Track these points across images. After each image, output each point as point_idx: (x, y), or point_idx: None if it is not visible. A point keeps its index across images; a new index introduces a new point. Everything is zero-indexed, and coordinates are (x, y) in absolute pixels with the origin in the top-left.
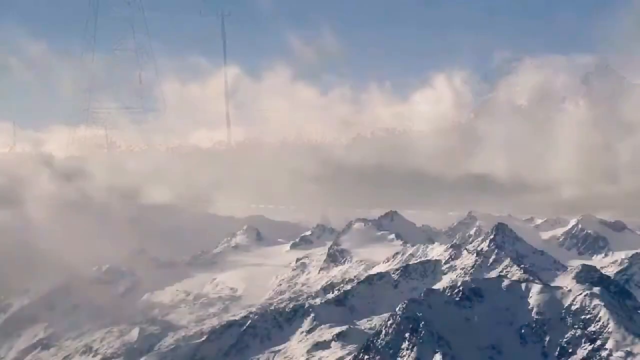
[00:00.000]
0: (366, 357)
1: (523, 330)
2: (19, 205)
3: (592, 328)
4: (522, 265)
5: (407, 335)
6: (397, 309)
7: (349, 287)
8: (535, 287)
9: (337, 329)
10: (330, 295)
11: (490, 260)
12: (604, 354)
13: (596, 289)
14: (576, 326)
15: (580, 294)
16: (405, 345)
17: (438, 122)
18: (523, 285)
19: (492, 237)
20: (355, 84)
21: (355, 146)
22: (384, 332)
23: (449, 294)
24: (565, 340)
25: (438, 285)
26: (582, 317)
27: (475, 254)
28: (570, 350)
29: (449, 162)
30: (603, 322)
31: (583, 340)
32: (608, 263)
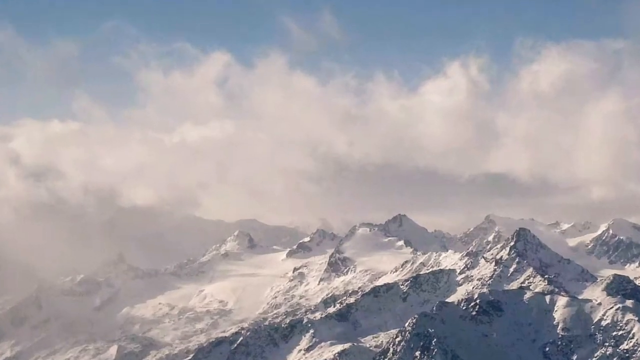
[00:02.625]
0: None
1: (547, 348)
2: None
3: (624, 346)
4: (546, 276)
5: (417, 353)
6: (406, 324)
7: (352, 299)
8: (561, 300)
9: (339, 347)
10: (331, 309)
11: (511, 269)
12: None
13: (629, 302)
14: (607, 343)
15: (612, 307)
16: None
17: (451, 115)
18: (547, 298)
19: (512, 243)
20: (359, 72)
21: (358, 142)
22: (391, 350)
23: (464, 308)
24: (594, 359)
25: (452, 298)
26: (614, 333)
27: (493, 263)
28: None
29: (463, 159)
30: (637, 339)
31: (615, 359)
32: None
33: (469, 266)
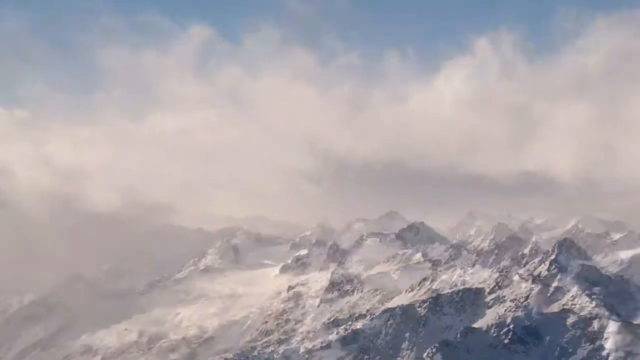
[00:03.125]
0: None
1: None
2: None
3: None
4: (594, 295)
5: None
6: (424, 354)
7: (359, 324)
8: (613, 325)
9: None
10: (334, 336)
11: (552, 288)
12: None
13: None
14: None
15: None
16: None
17: (478, 102)
18: (596, 323)
19: (553, 257)
20: (367, 52)
21: (363, 136)
22: None
23: (494, 335)
24: None
25: (480, 323)
26: None
27: (530, 281)
28: None
29: (491, 156)
30: None
31: None
32: None
33: (500, 284)
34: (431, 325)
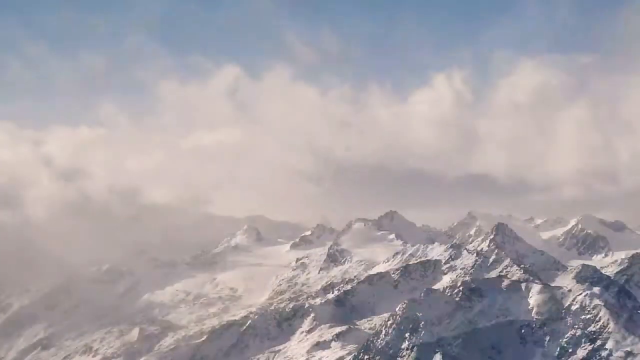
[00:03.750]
0: (366, 357)
1: None
2: (20, 205)
3: None
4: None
5: None
6: None
7: (349, 287)
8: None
9: (337, 329)
10: (330, 295)
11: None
12: None
13: None
14: None
15: None
16: None
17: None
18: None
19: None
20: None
21: (354, 142)
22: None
23: None
24: None
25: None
26: None
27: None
28: None
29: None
30: None
31: None
32: None
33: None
34: None
